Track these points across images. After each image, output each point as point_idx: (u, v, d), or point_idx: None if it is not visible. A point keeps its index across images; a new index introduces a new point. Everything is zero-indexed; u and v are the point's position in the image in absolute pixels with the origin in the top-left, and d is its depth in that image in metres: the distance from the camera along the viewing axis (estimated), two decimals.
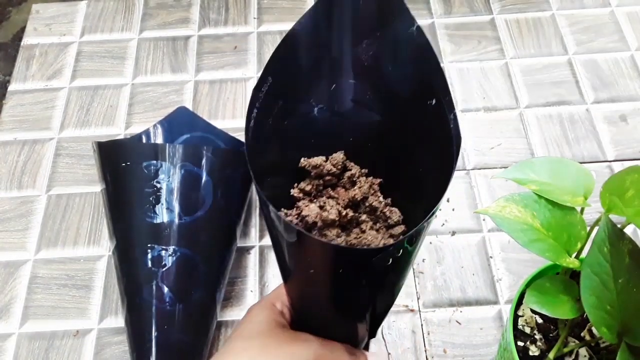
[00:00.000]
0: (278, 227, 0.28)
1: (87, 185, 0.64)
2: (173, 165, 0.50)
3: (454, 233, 0.60)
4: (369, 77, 0.35)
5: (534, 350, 0.40)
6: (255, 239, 0.60)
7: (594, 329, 0.40)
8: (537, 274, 0.42)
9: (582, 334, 0.41)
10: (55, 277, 0.58)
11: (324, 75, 0.35)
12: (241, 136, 0.65)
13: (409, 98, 0.33)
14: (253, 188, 0.62)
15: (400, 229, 0.35)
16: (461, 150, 0.64)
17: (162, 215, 0.49)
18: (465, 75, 0.71)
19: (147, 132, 0.58)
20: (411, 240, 0.28)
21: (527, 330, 0.42)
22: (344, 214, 0.33)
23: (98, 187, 0.63)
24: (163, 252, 0.49)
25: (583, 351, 0.40)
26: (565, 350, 0.39)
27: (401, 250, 0.27)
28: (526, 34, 0.74)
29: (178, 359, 0.48)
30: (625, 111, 0.67)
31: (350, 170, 0.36)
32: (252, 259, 0.59)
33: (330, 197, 0.36)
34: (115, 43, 0.75)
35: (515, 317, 0.42)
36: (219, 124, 0.66)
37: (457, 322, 0.55)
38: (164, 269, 0.48)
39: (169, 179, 0.50)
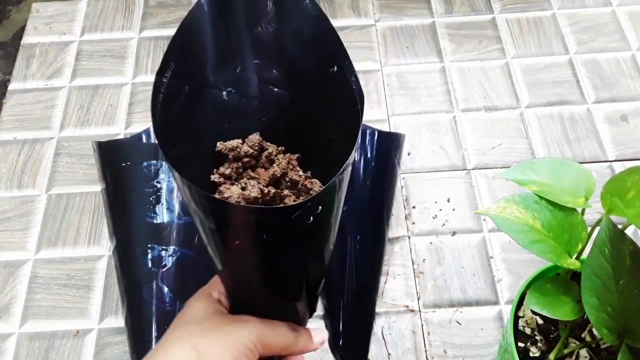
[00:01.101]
0: (198, 204, 0.28)
1: (87, 185, 0.63)
2: None
3: (454, 233, 0.59)
4: (272, 55, 0.35)
5: (534, 351, 0.40)
6: None
7: (594, 330, 0.40)
8: (537, 274, 0.42)
9: (582, 335, 0.40)
10: (55, 277, 0.58)
11: (228, 58, 0.35)
12: None
13: (313, 70, 0.34)
14: None
15: (292, 203, 0.35)
16: (462, 150, 0.64)
17: (162, 215, 0.49)
18: (466, 75, 0.71)
19: (147, 132, 0.58)
20: (327, 194, 0.28)
21: (528, 331, 0.42)
22: (265, 191, 0.33)
23: (98, 187, 0.63)
24: (163, 252, 0.49)
25: (584, 352, 0.40)
26: (566, 351, 0.39)
27: (320, 207, 0.27)
28: (527, 33, 0.74)
29: None
30: (626, 111, 0.67)
31: (267, 149, 0.37)
32: None
33: (251, 178, 0.36)
34: (115, 42, 0.75)
35: (516, 318, 0.42)
36: None
37: (458, 322, 0.54)
38: (164, 269, 0.48)
39: (169, 179, 0.50)
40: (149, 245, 0.49)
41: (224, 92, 0.36)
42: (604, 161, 0.64)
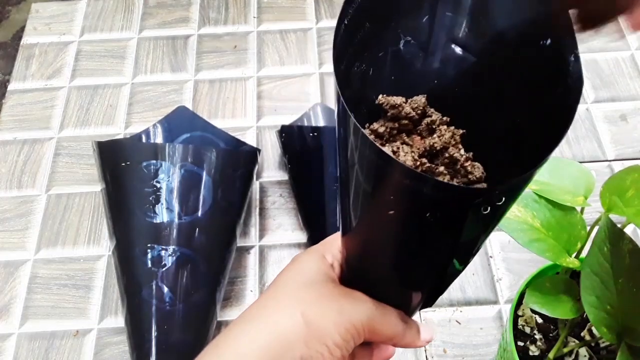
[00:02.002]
0: (362, 154, 0.24)
1: (87, 185, 0.63)
2: (173, 165, 0.50)
3: None
4: (469, 11, 0.30)
5: (533, 350, 0.40)
6: (255, 239, 0.60)
7: (594, 329, 0.40)
8: (537, 273, 0.42)
9: (582, 334, 0.40)
10: (55, 277, 0.58)
11: (417, 2, 0.31)
12: (241, 136, 0.65)
13: (517, 38, 0.29)
14: (252, 188, 0.62)
15: (481, 187, 0.31)
16: None
17: (162, 215, 0.49)
18: None
19: (146, 132, 0.58)
20: (516, 187, 0.24)
21: (527, 330, 0.42)
22: (419, 162, 0.29)
23: (98, 187, 0.63)
24: (163, 252, 0.49)
25: (583, 351, 0.40)
26: (565, 350, 0.39)
27: (503, 199, 0.24)
28: None
29: (178, 359, 0.48)
30: (625, 111, 0.67)
31: (431, 117, 0.32)
32: (252, 259, 0.59)
33: (404, 143, 0.31)
34: (115, 42, 0.75)
35: (515, 317, 0.42)
36: (219, 123, 0.66)
37: (457, 321, 0.55)
38: (164, 269, 0.48)
39: (169, 178, 0.50)
40: (149, 245, 0.49)
41: (402, 41, 0.31)
42: (603, 160, 0.64)
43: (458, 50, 0.31)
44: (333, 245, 0.33)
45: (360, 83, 0.31)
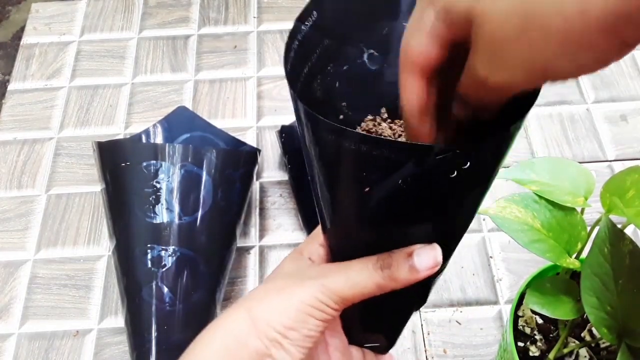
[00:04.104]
0: (319, 137, 0.25)
1: (87, 185, 0.63)
2: (173, 165, 0.50)
3: None
4: None
5: (534, 351, 0.40)
6: (255, 239, 0.60)
7: (594, 330, 0.40)
8: (537, 274, 0.42)
9: (582, 335, 0.40)
10: (55, 277, 0.58)
11: (376, 16, 0.32)
12: (241, 136, 0.65)
13: None
14: (252, 188, 0.62)
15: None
16: None
17: (162, 215, 0.49)
18: None
19: (146, 132, 0.58)
20: (479, 151, 0.24)
21: (528, 330, 0.42)
22: (397, 131, 0.30)
23: (98, 187, 0.63)
24: (163, 252, 0.49)
25: (583, 352, 0.40)
26: (566, 350, 0.39)
27: (468, 163, 0.24)
28: None
29: (178, 359, 0.48)
30: (625, 111, 0.67)
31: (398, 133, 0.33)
32: (252, 259, 0.59)
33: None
34: (114, 42, 0.75)
35: (516, 318, 0.42)
36: (219, 123, 0.66)
37: (457, 322, 0.54)
38: (163, 269, 0.48)
39: (169, 178, 0.50)
40: (149, 245, 0.49)
41: (366, 54, 0.32)
42: (603, 161, 0.64)
43: None
44: (311, 241, 0.33)
45: (326, 96, 0.32)
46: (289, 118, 0.65)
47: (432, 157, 0.23)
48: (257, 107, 0.69)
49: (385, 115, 0.33)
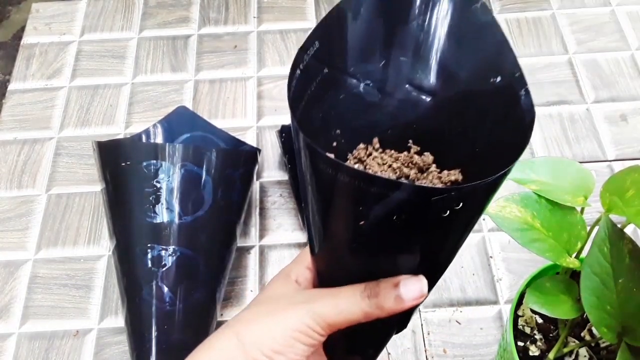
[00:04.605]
0: (326, 174, 0.26)
1: (87, 185, 0.64)
2: (173, 165, 0.50)
3: None
4: (423, 56, 0.33)
5: (534, 350, 0.40)
6: (255, 238, 0.60)
7: (594, 329, 0.40)
8: (537, 273, 0.42)
9: (582, 334, 0.40)
10: (55, 277, 0.58)
11: (374, 49, 0.33)
12: (241, 136, 0.65)
13: (467, 77, 0.32)
14: (253, 188, 0.62)
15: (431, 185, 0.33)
16: None
17: (162, 215, 0.49)
18: None
19: (147, 132, 0.58)
20: (473, 192, 0.25)
21: (527, 330, 0.42)
22: (393, 166, 0.31)
23: (98, 187, 0.63)
24: (163, 252, 0.49)
25: (583, 351, 0.40)
26: (565, 350, 0.39)
27: (461, 204, 0.25)
28: (526, 33, 0.74)
29: (178, 359, 0.48)
30: (625, 111, 0.67)
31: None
32: (252, 258, 0.59)
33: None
34: (115, 42, 0.75)
35: (515, 317, 0.42)
36: (219, 123, 0.66)
37: (457, 322, 0.55)
38: (164, 269, 0.48)
39: (169, 178, 0.50)
40: (149, 245, 0.49)
41: (362, 84, 0.33)
42: (603, 160, 0.64)
43: (414, 91, 0.34)
44: (299, 263, 0.34)
45: (323, 123, 0.33)
46: (289, 118, 0.65)
47: (429, 198, 0.24)
48: (257, 107, 0.69)
49: (377, 145, 0.34)
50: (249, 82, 0.71)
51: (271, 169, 0.64)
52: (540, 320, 0.42)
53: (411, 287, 0.28)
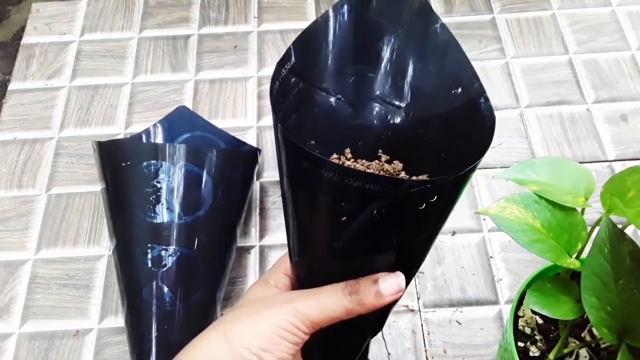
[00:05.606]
0: (309, 171, 0.27)
1: (87, 185, 0.63)
2: (173, 165, 0.50)
3: (454, 233, 0.59)
4: (389, 72, 0.36)
5: (534, 351, 0.40)
6: (256, 238, 0.60)
7: (594, 330, 0.40)
8: (537, 274, 0.42)
9: (582, 335, 0.40)
10: (55, 276, 0.58)
11: (344, 66, 0.36)
12: (242, 136, 0.65)
13: (431, 90, 0.35)
14: (253, 188, 0.62)
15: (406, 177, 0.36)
16: None
17: (162, 215, 0.49)
18: None
19: (147, 132, 0.58)
20: (448, 185, 0.28)
21: (528, 330, 0.42)
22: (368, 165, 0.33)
23: (98, 187, 0.63)
24: (163, 252, 0.49)
25: (583, 352, 0.40)
26: (566, 351, 0.39)
27: (436, 197, 0.27)
28: (527, 33, 0.74)
29: None
30: (625, 111, 0.67)
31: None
32: (252, 258, 0.59)
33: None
34: (115, 42, 0.75)
35: (516, 318, 0.42)
36: (219, 123, 0.66)
37: (457, 322, 0.54)
38: (164, 269, 0.48)
39: (169, 178, 0.50)
40: (149, 245, 0.49)
41: (333, 99, 0.36)
42: (603, 161, 0.64)
43: (383, 104, 0.37)
44: (276, 270, 0.36)
45: (298, 133, 0.35)
46: None
47: (407, 189, 0.26)
48: (258, 106, 0.69)
49: (350, 155, 0.36)
50: (249, 82, 0.71)
51: (271, 169, 0.64)
52: (540, 321, 0.42)
53: (389, 282, 0.30)
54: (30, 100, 0.70)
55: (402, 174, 0.35)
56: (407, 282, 0.32)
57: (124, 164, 0.50)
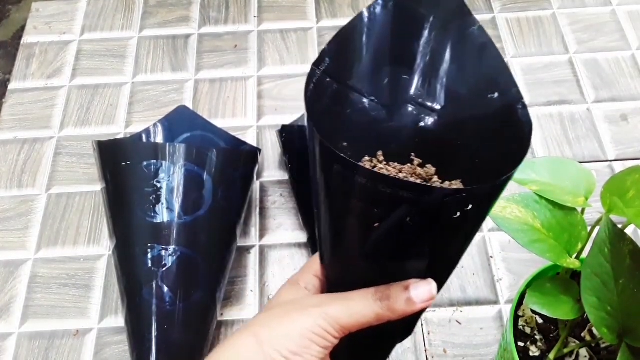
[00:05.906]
0: (342, 176, 0.27)
1: (87, 185, 0.63)
2: (173, 165, 0.50)
3: None
4: (424, 74, 0.36)
5: (534, 351, 0.40)
6: (256, 238, 0.60)
7: (594, 330, 0.40)
8: (537, 274, 0.42)
9: (582, 335, 0.40)
10: (55, 276, 0.58)
11: (378, 67, 0.35)
12: (242, 135, 0.65)
13: (467, 94, 0.34)
14: (253, 187, 0.62)
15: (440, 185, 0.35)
16: None
17: (163, 214, 0.49)
18: None
19: (147, 131, 0.58)
20: (483, 194, 0.27)
21: (528, 330, 0.42)
22: (398, 177, 0.33)
23: (98, 187, 0.63)
24: (163, 252, 0.49)
25: (583, 352, 0.40)
26: (566, 350, 0.39)
27: (470, 206, 0.26)
28: (527, 32, 0.74)
29: (178, 359, 0.48)
30: (626, 110, 0.67)
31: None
32: (252, 258, 0.59)
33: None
34: (115, 41, 0.75)
35: (516, 318, 0.42)
36: (219, 122, 0.66)
37: (458, 322, 0.54)
38: (164, 269, 0.48)
39: (169, 178, 0.50)
40: (149, 245, 0.49)
41: (366, 100, 0.36)
42: (603, 161, 0.64)
43: (417, 107, 0.36)
44: (306, 271, 0.35)
45: (331, 135, 0.34)
46: (290, 117, 0.65)
47: (441, 197, 0.25)
48: (258, 106, 0.69)
49: (382, 158, 0.35)
50: (249, 82, 0.71)
51: (271, 169, 0.64)
52: (540, 321, 0.42)
53: (421, 289, 0.30)
54: (30, 99, 0.70)
55: (435, 179, 0.35)
56: (439, 289, 0.31)
57: (124, 164, 0.50)
